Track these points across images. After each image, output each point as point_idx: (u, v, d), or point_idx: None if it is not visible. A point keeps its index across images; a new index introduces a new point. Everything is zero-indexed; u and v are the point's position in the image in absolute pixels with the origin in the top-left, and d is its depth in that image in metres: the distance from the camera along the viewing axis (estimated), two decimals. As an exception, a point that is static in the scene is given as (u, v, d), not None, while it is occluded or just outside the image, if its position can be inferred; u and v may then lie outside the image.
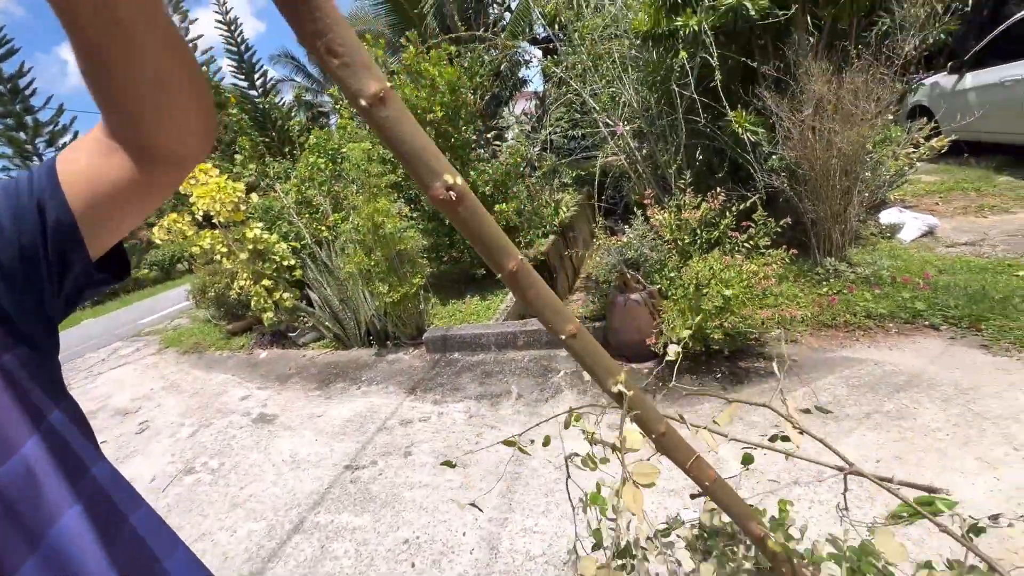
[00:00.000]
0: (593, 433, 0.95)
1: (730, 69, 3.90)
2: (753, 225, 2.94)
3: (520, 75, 9.58)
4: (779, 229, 2.89)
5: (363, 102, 0.33)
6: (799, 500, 1.88)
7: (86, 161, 0.48)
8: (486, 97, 5.90)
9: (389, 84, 0.34)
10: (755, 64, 3.63)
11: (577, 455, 0.96)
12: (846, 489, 0.84)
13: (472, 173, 4.76)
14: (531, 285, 0.45)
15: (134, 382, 4.97)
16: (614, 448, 0.74)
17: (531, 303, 0.47)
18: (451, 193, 0.40)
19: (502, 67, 7.92)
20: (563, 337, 0.52)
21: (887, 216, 4.00)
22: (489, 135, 7.64)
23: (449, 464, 0.94)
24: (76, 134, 16.68)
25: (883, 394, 2.36)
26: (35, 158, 15.89)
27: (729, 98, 3.56)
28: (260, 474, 2.83)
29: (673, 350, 0.90)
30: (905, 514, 1.80)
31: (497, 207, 4.81)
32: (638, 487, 0.63)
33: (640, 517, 0.62)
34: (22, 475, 0.42)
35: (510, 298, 4.74)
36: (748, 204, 3.03)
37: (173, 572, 0.52)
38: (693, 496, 0.94)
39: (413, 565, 1.98)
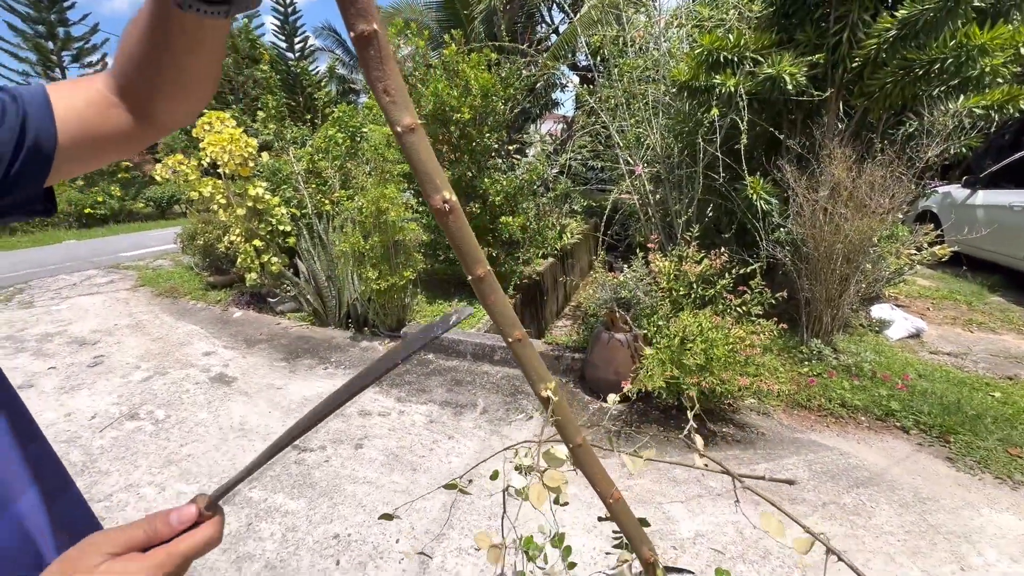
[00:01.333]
0: (529, 466, 0.93)
1: (756, 135, 3.96)
2: (749, 291, 2.94)
3: (553, 96, 9.68)
4: (774, 301, 2.89)
5: (399, 128, 0.43)
6: (741, 577, 1.84)
7: (83, 105, 0.50)
8: (516, 110, 5.93)
9: (417, 120, 0.44)
10: (781, 136, 3.68)
11: (512, 487, 0.93)
12: None
13: (486, 180, 4.75)
14: (493, 291, 0.55)
15: (100, 313, 4.83)
16: (536, 470, 0.77)
17: (490, 307, 0.55)
18: (446, 205, 0.47)
19: (537, 84, 8.00)
20: (509, 340, 0.58)
21: (878, 311, 4.04)
22: (511, 147, 7.68)
23: (388, 517, 0.91)
24: (105, 56, 16.55)
25: (843, 486, 2.34)
26: (57, 70, 15.70)
27: (750, 163, 3.59)
28: (204, 435, 2.73)
29: (611, 399, 0.93)
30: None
31: (503, 219, 4.79)
32: (545, 488, 0.72)
33: (541, 511, 0.73)
34: None
35: (496, 311, 4.70)
36: (749, 270, 3.03)
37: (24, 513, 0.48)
38: (601, 519, 0.92)
39: (338, 563, 1.90)
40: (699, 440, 0.88)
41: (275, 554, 1.95)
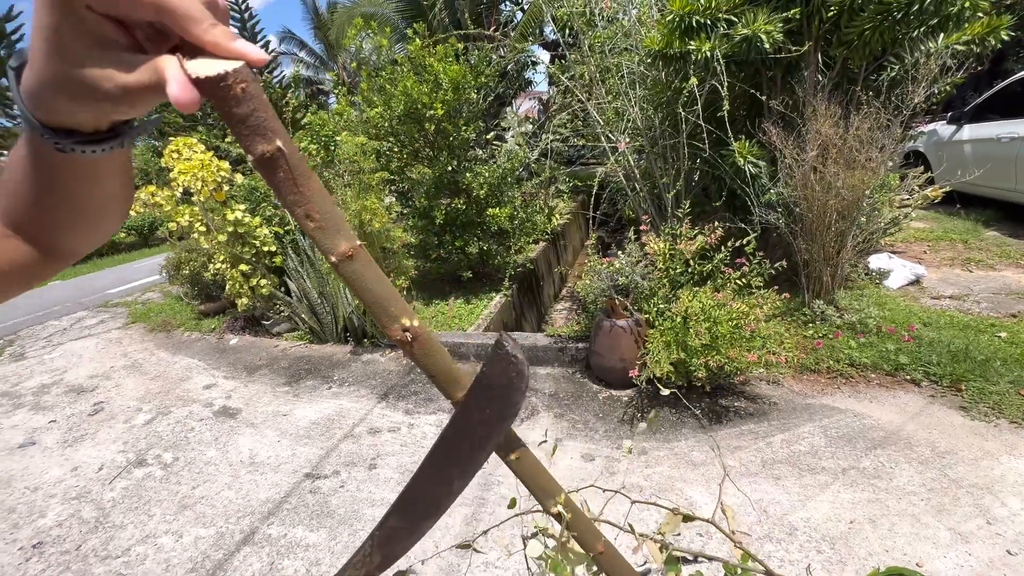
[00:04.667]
0: (546, 528, 0.90)
1: (736, 97, 3.86)
2: (747, 262, 2.90)
3: (527, 76, 9.47)
4: (773, 271, 2.85)
5: (334, 258, 0.38)
6: (769, 558, 1.83)
7: None
8: (490, 98, 5.79)
9: (356, 242, 0.39)
10: (762, 96, 3.59)
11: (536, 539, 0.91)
12: None
13: (468, 175, 4.65)
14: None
15: (94, 357, 4.76)
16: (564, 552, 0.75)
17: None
18: (407, 334, 0.42)
19: (508, 67, 7.81)
20: (508, 459, 0.55)
21: (876, 261, 4.01)
22: (489, 136, 7.53)
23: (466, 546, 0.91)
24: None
25: (861, 449, 2.33)
26: (15, 107, 15.26)
27: (733, 126, 3.51)
28: (215, 474, 2.69)
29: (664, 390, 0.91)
30: (875, 585, 1.71)
31: (490, 211, 4.71)
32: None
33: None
34: None
35: (494, 304, 4.66)
36: (745, 242, 2.98)
37: None
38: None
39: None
40: (642, 426, 0.86)
41: (302, 591, 1.93)
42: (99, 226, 0.45)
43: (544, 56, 9.76)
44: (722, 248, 2.95)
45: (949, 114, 5.73)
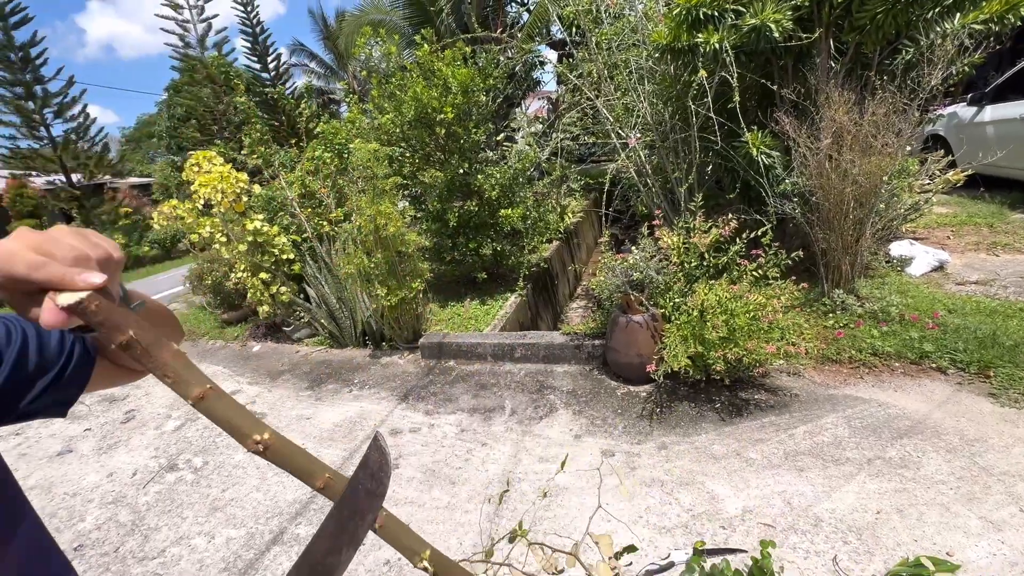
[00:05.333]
0: None
1: (747, 88, 3.82)
2: (763, 253, 2.87)
3: (534, 76, 9.49)
4: (790, 262, 2.82)
5: (191, 401, 0.47)
6: (795, 549, 1.82)
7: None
8: (498, 99, 5.82)
9: (206, 386, 0.49)
10: (774, 86, 3.56)
11: None
12: None
13: (479, 177, 4.69)
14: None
15: (125, 367, 4.91)
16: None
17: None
18: (260, 446, 0.51)
19: (516, 68, 7.84)
20: (375, 529, 0.61)
21: (897, 248, 3.93)
22: (499, 137, 7.57)
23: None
24: (85, 107, 16.60)
25: (886, 439, 2.29)
26: (42, 128, 15.80)
27: (745, 117, 3.48)
28: (243, 477, 2.77)
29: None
30: (904, 574, 1.72)
31: (502, 212, 4.74)
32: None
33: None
34: None
35: (509, 304, 4.68)
36: (760, 232, 2.95)
37: None
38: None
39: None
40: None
41: (330, 588, 1.98)
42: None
43: (552, 55, 9.76)
44: (737, 240, 2.93)
45: (969, 95, 5.59)
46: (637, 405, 2.88)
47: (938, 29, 3.22)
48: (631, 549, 1.41)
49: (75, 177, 16.45)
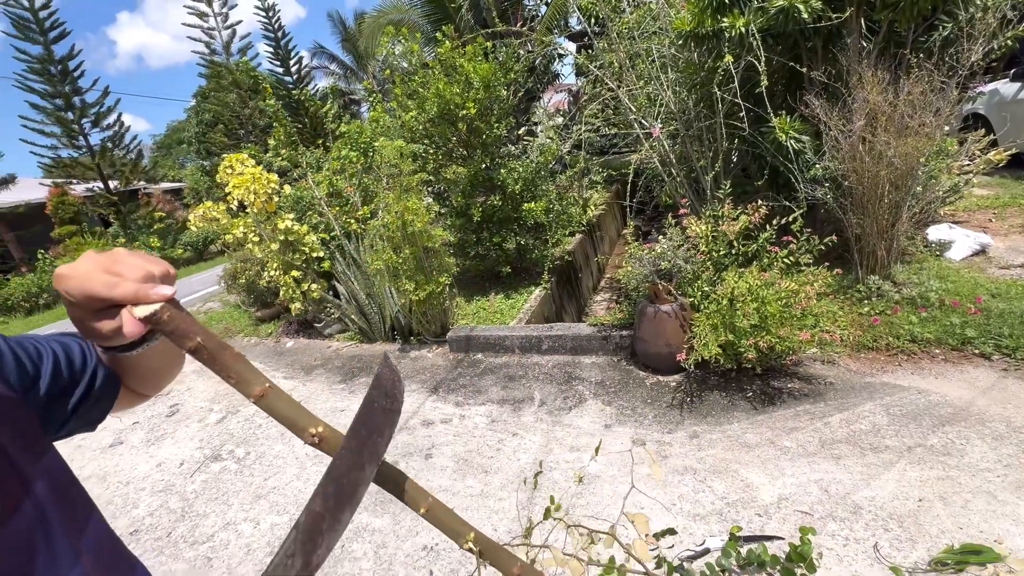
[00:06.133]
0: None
1: (775, 71, 3.74)
2: (794, 240, 2.82)
3: (554, 69, 9.45)
4: (823, 248, 2.76)
5: (252, 399, 0.52)
6: (833, 536, 1.80)
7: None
8: (519, 93, 5.83)
9: (265, 384, 0.54)
10: (802, 68, 3.47)
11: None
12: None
13: (502, 172, 4.71)
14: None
15: (166, 363, 5.13)
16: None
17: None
18: (315, 438, 0.54)
19: (536, 62, 7.82)
20: (421, 512, 0.66)
21: (936, 232, 3.80)
22: (521, 131, 7.57)
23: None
24: (119, 116, 17.25)
25: (927, 426, 2.24)
26: (81, 137, 16.50)
27: (772, 102, 3.41)
28: (283, 466, 2.87)
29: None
30: (950, 561, 1.70)
31: (525, 206, 4.75)
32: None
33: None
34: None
35: (534, 297, 4.71)
36: (791, 219, 2.90)
37: None
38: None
39: (431, 573, 1.98)
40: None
41: (371, 571, 2.05)
42: (159, 383, 0.74)
43: (571, 47, 9.69)
44: (767, 227, 2.88)
45: (1012, 71, 5.34)
46: (667, 395, 2.88)
47: (978, 2, 3.10)
48: (670, 532, 1.43)
49: (112, 184, 17.11)
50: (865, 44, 3.41)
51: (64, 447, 0.58)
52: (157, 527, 2.57)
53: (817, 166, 3.41)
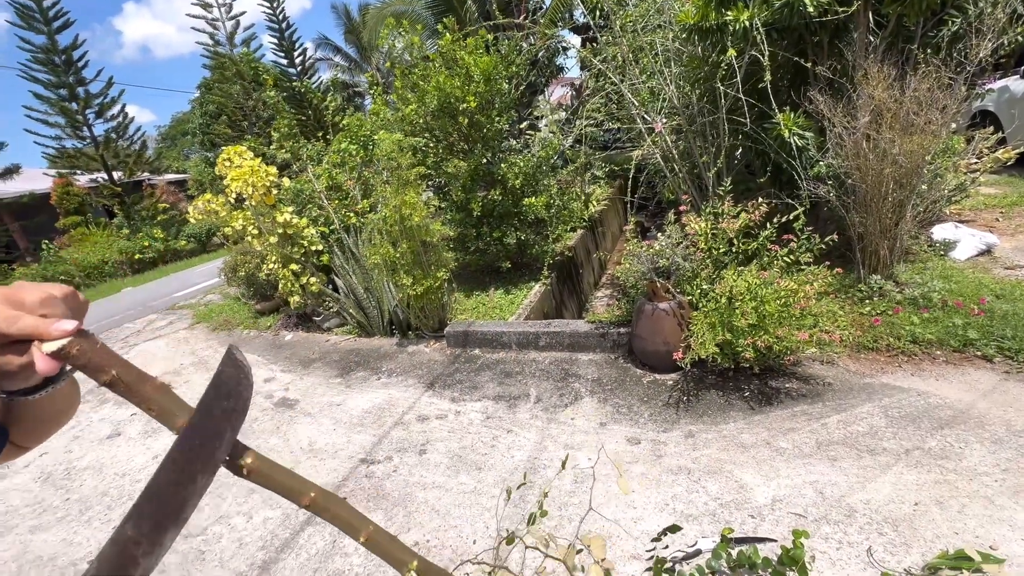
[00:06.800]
0: None
1: (779, 67, 3.69)
2: (795, 238, 2.78)
3: (557, 62, 9.36)
4: (824, 247, 2.72)
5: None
6: (827, 540, 1.78)
7: None
8: (521, 87, 5.77)
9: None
10: (807, 63, 3.41)
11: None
12: None
13: (503, 166, 4.68)
14: (328, 507, 0.63)
15: (166, 356, 5.15)
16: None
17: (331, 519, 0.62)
18: (244, 470, 0.54)
19: (539, 55, 7.75)
20: (361, 540, 0.65)
21: (941, 231, 3.75)
22: (522, 125, 7.52)
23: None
24: (124, 107, 17.25)
25: (926, 429, 2.21)
26: (85, 128, 16.52)
27: (776, 97, 3.36)
28: (278, 460, 2.84)
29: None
30: (944, 566, 1.66)
31: (526, 201, 4.72)
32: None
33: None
34: None
35: (534, 293, 4.68)
36: (792, 216, 2.86)
37: None
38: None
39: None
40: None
41: (362, 567, 2.05)
42: (47, 433, 0.66)
43: (575, 41, 9.60)
44: (767, 225, 2.84)
45: (1022, 68, 5.24)
46: (663, 393, 2.86)
47: (988, -3, 3.03)
48: (674, 529, 1.40)
49: (116, 175, 17.14)
50: (872, 39, 3.34)
51: (61, 437, 0.56)
52: (151, 519, 2.58)
53: (820, 163, 3.36)
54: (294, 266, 4.50)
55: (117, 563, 0.40)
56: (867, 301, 3.11)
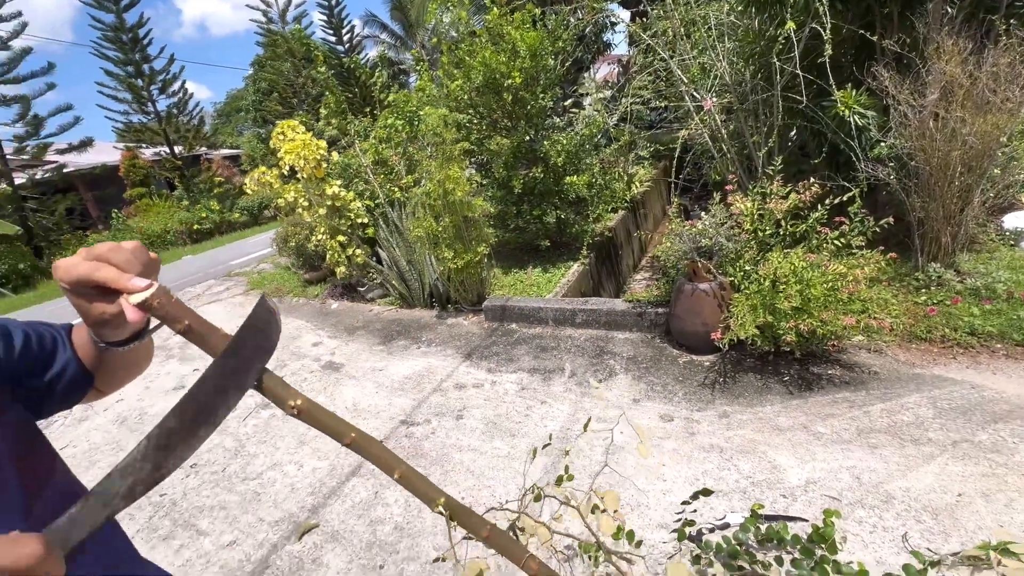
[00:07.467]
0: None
1: (842, 41, 3.49)
2: (847, 221, 2.68)
3: (605, 39, 9.12)
4: (877, 229, 2.61)
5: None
6: (860, 523, 1.77)
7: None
8: (567, 63, 5.69)
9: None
10: (874, 37, 3.22)
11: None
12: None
13: (545, 143, 4.67)
14: (367, 447, 0.68)
15: (224, 318, 5.50)
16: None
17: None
18: (294, 410, 0.60)
19: (587, 30, 7.57)
20: (395, 477, 0.71)
21: (1013, 220, 3.50)
22: (567, 102, 7.41)
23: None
24: (184, 83, 18.09)
25: (977, 422, 2.13)
26: (149, 103, 17.45)
27: (837, 74, 3.19)
28: (326, 417, 3.06)
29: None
30: (984, 556, 1.64)
31: (567, 180, 4.70)
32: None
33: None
34: None
35: (571, 272, 4.70)
36: (846, 198, 2.75)
37: None
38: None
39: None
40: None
41: (401, 517, 2.19)
42: (124, 381, 0.81)
43: (624, 15, 9.30)
44: (818, 206, 2.75)
45: None
46: (699, 374, 2.85)
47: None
48: (706, 492, 1.44)
49: (176, 149, 18.09)
50: (949, 9, 3.12)
51: (134, 387, 0.68)
52: (214, 462, 2.83)
53: (882, 144, 3.19)
54: (341, 237, 4.68)
55: (162, 442, 0.48)
56: (923, 291, 2.97)
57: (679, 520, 1.59)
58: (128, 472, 0.46)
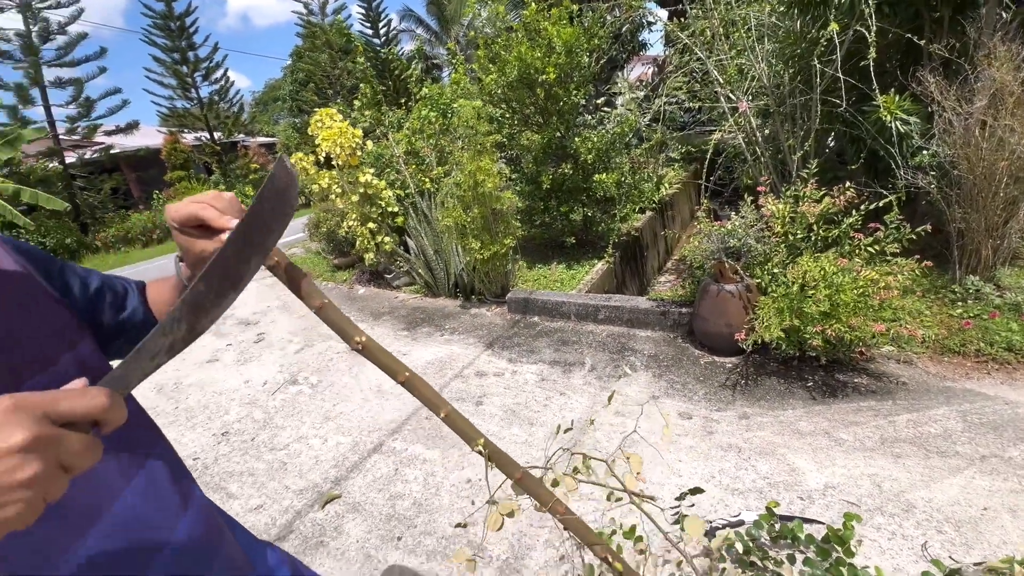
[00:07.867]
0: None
1: (887, 45, 3.40)
2: (882, 228, 2.63)
3: (640, 38, 9.05)
4: (914, 237, 2.56)
5: (313, 309, 0.68)
6: (879, 529, 1.76)
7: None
8: (601, 61, 5.68)
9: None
10: (921, 41, 3.13)
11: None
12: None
13: (576, 140, 4.68)
14: (418, 385, 0.77)
15: (256, 298, 5.70)
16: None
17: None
18: (359, 344, 0.69)
19: (623, 29, 7.53)
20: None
21: (1062, 236, 3.36)
22: (599, 100, 7.40)
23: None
24: (226, 71, 18.69)
25: (1008, 438, 2.08)
26: (192, 89, 18.08)
27: (880, 79, 3.12)
28: (349, 396, 3.17)
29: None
30: (1007, 571, 1.63)
31: (596, 177, 4.71)
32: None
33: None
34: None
35: (595, 270, 4.71)
36: (883, 204, 2.70)
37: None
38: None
39: (473, 503, 2.16)
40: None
41: (420, 494, 2.26)
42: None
43: (662, 14, 9.20)
44: (853, 212, 2.70)
45: None
46: (721, 375, 2.84)
47: None
48: (696, 491, 1.47)
49: (216, 135, 18.69)
50: (1003, 14, 3.01)
51: (174, 359, 0.72)
52: (244, 432, 2.96)
53: (924, 152, 3.11)
54: (371, 225, 4.80)
55: (194, 305, 0.51)
56: (960, 303, 2.89)
57: (675, 509, 1.62)
58: (168, 331, 0.50)
